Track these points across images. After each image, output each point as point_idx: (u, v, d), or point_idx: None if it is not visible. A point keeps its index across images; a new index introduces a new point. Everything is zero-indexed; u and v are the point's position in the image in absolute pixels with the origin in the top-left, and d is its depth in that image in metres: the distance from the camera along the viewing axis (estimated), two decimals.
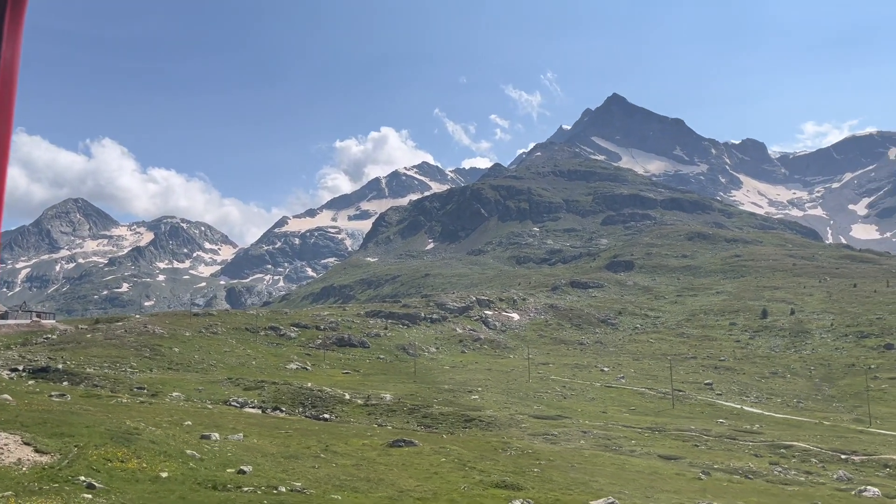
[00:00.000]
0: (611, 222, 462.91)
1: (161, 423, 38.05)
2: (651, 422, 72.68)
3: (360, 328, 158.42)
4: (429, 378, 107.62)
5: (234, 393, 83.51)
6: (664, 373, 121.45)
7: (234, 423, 45.51)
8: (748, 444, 59.76)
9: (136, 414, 45.79)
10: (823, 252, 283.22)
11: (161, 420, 41.26)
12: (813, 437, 63.47)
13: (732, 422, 74.77)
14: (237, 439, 35.52)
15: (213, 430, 37.29)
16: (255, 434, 39.54)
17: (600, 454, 47.35)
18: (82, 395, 57.52)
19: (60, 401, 51.45)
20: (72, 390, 64.35)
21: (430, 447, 40.32)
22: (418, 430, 69.02)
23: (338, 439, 41.09)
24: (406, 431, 51.45)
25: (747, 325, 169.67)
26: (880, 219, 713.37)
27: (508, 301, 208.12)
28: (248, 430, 40.42)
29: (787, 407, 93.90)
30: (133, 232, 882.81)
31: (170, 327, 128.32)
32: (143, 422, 36.70)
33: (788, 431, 68.12)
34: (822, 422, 77.89)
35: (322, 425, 53.00)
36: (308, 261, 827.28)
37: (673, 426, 67.44)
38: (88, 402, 53.74)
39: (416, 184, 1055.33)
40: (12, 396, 48.26)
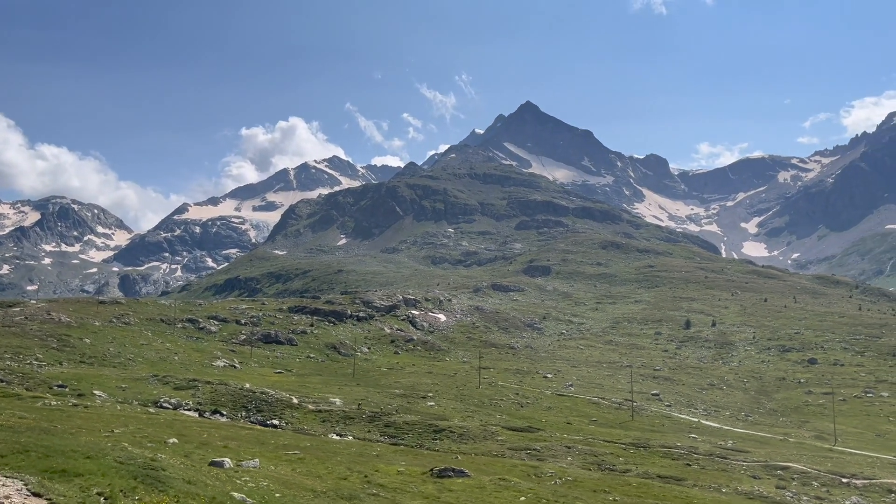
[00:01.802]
0: (525, 227, 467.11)
1: (142, 442, 30.59)
2: (623, 435, 69.40)
3: (284, 324, 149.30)
4: (370, 381, 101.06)
5: (163, 393, 74.48)
6: (607, 381, 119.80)
7: (212, 437, 38.16)
8: (741, 464, 57.22)
9: (82, 423, 37.64)
10: (731, 266, 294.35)
11: (127, 433, 33.58)
12: (796, 457, 61.79)
13: (704, 437, 72.66)
14: (254, 466, 28.63)
15: (203, 449, 30.19)
16: (256, 454, 32.64)
17: (647, 483, 42.95)
18: (4, 395, 48.05)
19: None
20: None
21: (486, 479, 34.71)
22: (383, 441, 62.92)
23: (360, 464, 34.77)
24: (444, 456, 44.92)
25: (672, 335, 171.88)
26: (769, 238, 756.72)
27: (434, 301, 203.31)
28: (241, 449, 33.42)
29: (737, 420, 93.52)
30: (17, 211, 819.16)
31: (76, 315, 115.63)
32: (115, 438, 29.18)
33: (763, 449, 66.40)
34: (786, 438, 77.26)
35: (298, 438, 46.09)
36: (209, 251, 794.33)
37: (657, 442, 64.28)
38: (8, 404, 44.62)
39: (325, 178, 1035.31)
40: None
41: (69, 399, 53.35)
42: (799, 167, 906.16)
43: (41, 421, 34.66)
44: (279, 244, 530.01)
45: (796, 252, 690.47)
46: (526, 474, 39.75)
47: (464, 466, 36.56)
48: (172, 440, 32.71)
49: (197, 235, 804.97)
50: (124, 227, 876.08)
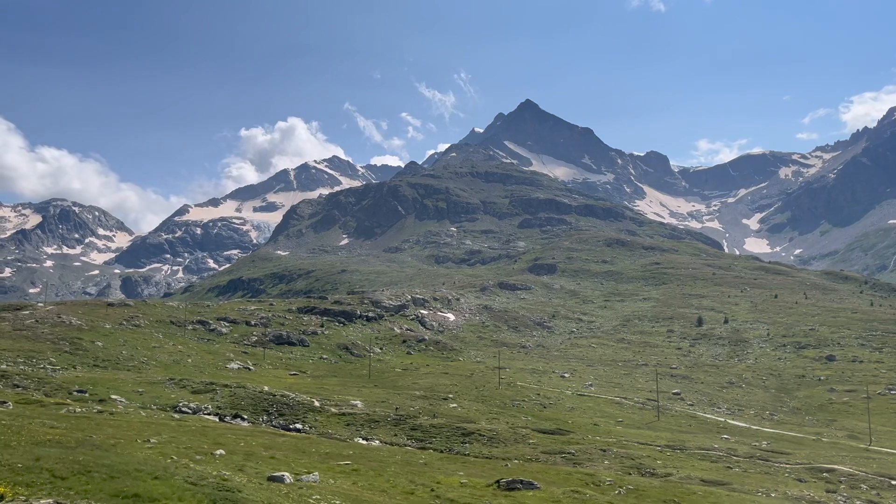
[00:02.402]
0: (527, 225, 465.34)
1: (188, 453, 28.94)
2: (654, 437, 67.75)
3: (294, 325, 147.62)
4: (386, 382, 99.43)
5: (181, 396, 72.79)
6: (625, 380, 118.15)
7: (249, 445, 36.49)
8: (784, 466, 55.60)
9: (114, 432, 35.98)
10: (738, 263, 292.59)
11: (165, 443, 31.92)
12: (838, 459, 60.17)
13: (736, 437, 70.99)
14: (315, 481, 26.98)
15: (253, 461, 28.54)
16: (306, 465, 30.99)
17: (714, 492, 41.27)
18: (20, 402, 46.36)
19: (3, 410, 40.60)
20: None
21: (559, 491, 33.04)
22: (411, 445, 61.31)
23: (417, 475, 33.15)
24: (521, 469, 43.07)
25: (685, 333, 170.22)
26: (771, 234, 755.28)
27: (443, 301, 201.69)
28: (289, 459, 31.75)
29: (763, 419, 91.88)
30: (18, 213, 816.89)
31: (86, 318, 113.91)
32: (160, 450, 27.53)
33: (801, 450, 64.79)
34: (819, 438, 75.58)
35: (337, 445, 44.42)
36: (210, 252, 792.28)
37: (693, 444, 62.67)
38: (33, 411, 42.99)
39: (325, 178, 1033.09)
40: None
41: (92, 406, 51.64)
42: (800, 163, 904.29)
43: (73, 430, 32.99)
44: (281, 244, 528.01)
45: (799, 248, 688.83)
46: (583, 482, 38.10)
47: (521, 475, 34.81)
48: (219, 451, 31.02)
49: (198, 236, 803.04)
50: (125, 229, 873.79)
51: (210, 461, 28.01)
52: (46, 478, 17.56)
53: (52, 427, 32.95)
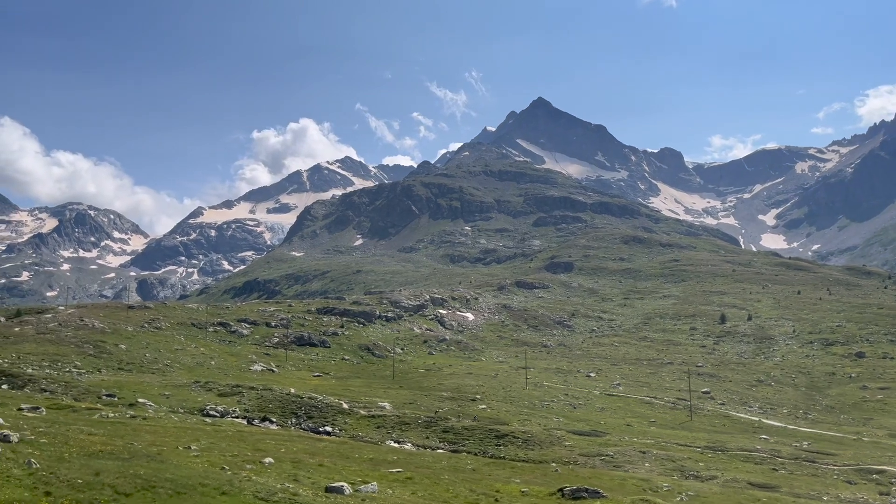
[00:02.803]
0: (542, 223, 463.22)
1: (236, 462, 27.87)
2: (691, 437, 66.20)
3: (314, 326, 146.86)
4: (411, 383, 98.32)
5: (208, 400, 71.95)
6: (652, 379, 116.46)
7: (290, 451, 35.40)
8: (831, 468, 53.95)
9: (152, 439, 34.99)
10: (758, 259, 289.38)
11: (206, 449, 30.85)
12: (888, 459, 58.40)
13: (775, 437, 69.30)
14: (373, 491, 25.84)
15: (304, 470, 27.42)
16: (358, 473, 29.86)
17: (779, 499, 39.79)
18: (52, 407, 45.53)
19: (34, 416, 39.75)
20: (28, 398, 51.88)
21: (627, 500, 31.68)
22: (444, 448, 60.11)
23: (471, 483, 31.94)
24: (572, 474, 41.81)
25: (708, 331, 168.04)
26: (788, 229, 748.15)
27: (461, 300, 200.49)
28: (338, 467, 30.62)
29: (797, 418, 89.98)
30: (34, 218, 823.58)
31: (108, 321, 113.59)
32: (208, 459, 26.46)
33: (847, 451, 63.02)
34: (860, 438, 73.69)
35: (378, 450, 43.24)
36: (224, 253, 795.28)
37: (734, 445, 61.09)
38: (67, 417, 42.14)
39: (338, 178, 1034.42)
40: None
41: (124, 410, 50.78)
42: (816, 157, 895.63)
43: (113, 437, 32.04)
44: (296, 245, 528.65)
45: (816, 243, 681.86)
46: (640, 489, 36.75)
47: (579, 482, 33.50)
48: (268, 460, 29.94)
49: (212, 238, 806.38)
50: (140, 232, 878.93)
51: (262, 470, 26.90)
52: (109, 494, 16.47)
53: (90, 434, 32.02)
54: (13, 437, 22.06)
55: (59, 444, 24.63)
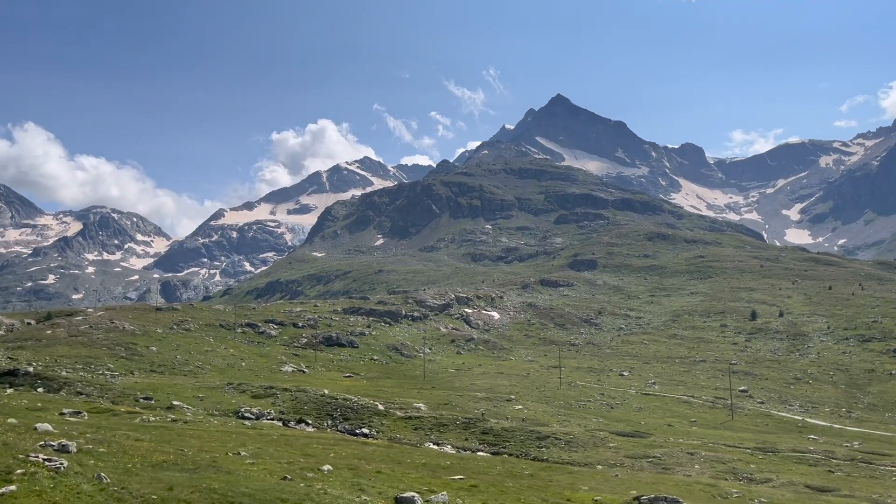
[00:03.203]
0: (564, 221, 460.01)
1: (292, 469, 26.90)
2: (736, 438, 64.44)
3: (341, 326, 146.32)
4: (443, 383, 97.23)
5: (242, 402, 71.37)
6: (686, 378, 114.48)
7: (340, 457, 34.38)
8: (889, 469, 52.01)
9: (199, 444, 34.14)
10: (786, 254, 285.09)
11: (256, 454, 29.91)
12: None
13: (824, 438, 67.36)
14: (443, 501, 24.73)
15: (365, 478, 26.38)
16: (417, 481, 28.80)
17: None
18: (92, 411, 44.95)
19: (78, 420, 39.12)
20: (67, 402, 51.42)
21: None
22: (484, 450, 58.93)
23: (539, 490, 30.75)
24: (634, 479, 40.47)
25: (739, 327, 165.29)
26: (812, 224, 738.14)
27: (486, 299, 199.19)
28: (397, 474, 29.56)
29: (840, 417, 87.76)
30: (59, 221, 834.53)
31: (138, 323, 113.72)
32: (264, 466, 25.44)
33: None
34: None
35: (428, 454, 42.13)
36: (246, 255, 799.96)
37: (785, 446, 59.30)
38: (108, 420, 41.50)
39: (357, 179, 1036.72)
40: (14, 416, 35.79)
41: (163, 414, 50.13)
42: (841, 151, 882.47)
43: (160, 443, 31.24)
44: (317, 246, 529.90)
45: (842, 238, 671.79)
46: (709, 495, 35.35)
47: (643, 490, 32.15)
48: (326, 467, 28.92)
49: (234, 240, 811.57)
50: (163, 235, 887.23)
51: (323, 479, 25.87)
52: None
53: (137, 440, 31.23)
54: (71, 446, 21.22)
55: (118, 454, 23.74)
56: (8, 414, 37.43)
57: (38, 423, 29.53)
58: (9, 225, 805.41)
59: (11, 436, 21.40)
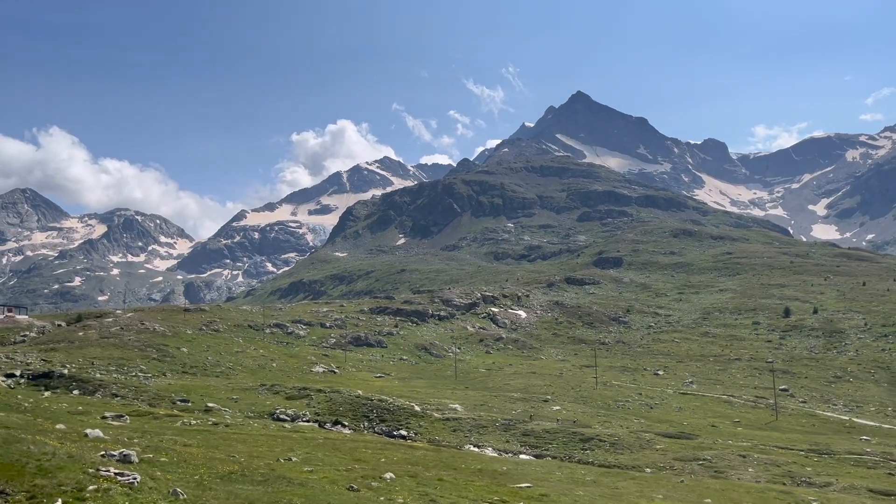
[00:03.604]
0: (587, 219, 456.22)
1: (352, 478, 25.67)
2: (785, 439, 62.34)
3: (369, 326, 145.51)
4: (475, 383, 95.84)
5: (276, 403, 70.45)
6: (721, 376, 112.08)
7: (392, 462, 33.11)
8: None
9: (247, 449, 33.03)
10: (816, 250, 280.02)
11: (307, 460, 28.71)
12: None
13: (877, 439, 65.05)
14: None
15: (429, 486, 25.11)
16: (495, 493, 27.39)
17: None
18: (133, 414, 44.12)
19: (121, 425, 38.22)
20: (105, 405, 50.72)
21: None
22: (526, 452, 57.45)
23: (610, 498, 29.32)
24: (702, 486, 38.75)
25: (772, 325, 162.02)
26: (839, 219, 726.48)
27: (512, 298, 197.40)
28: (460, 483, 28.24)
29: (888, 417, 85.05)
30: (84, 224, 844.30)
31: (167, 324, 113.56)
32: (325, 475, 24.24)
33: None
34: None
35: (481, 459, 40.78)
36: (268, 255, 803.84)
37: (840, 448, 57.20)
38: (150, 423, 40.59)
39: (377, 179, 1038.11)
40: (57, 420, 34.96)
41: (204, 417, 49.25)
42: (868, 144, 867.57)
43: (208, 448, 30.18)
44: (339, 246, 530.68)
45: (871, 233, 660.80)
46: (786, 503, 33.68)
47: (720, 498, 30.62)
48: (388, 475, 27.66)
49: (256, 241, 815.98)
50: (185, 236, 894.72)
51: (389, 488, 24.61)
52: None
53: (185, 445, 30.21)
54: (132, 455, 20.11)
55: (180, 464, 22.63)
56: (50, 417, 36.64)
57: (86, 428, 28.59)
58: (35, 228, 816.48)
59: (72, 446, 20.35)
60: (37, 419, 32.29)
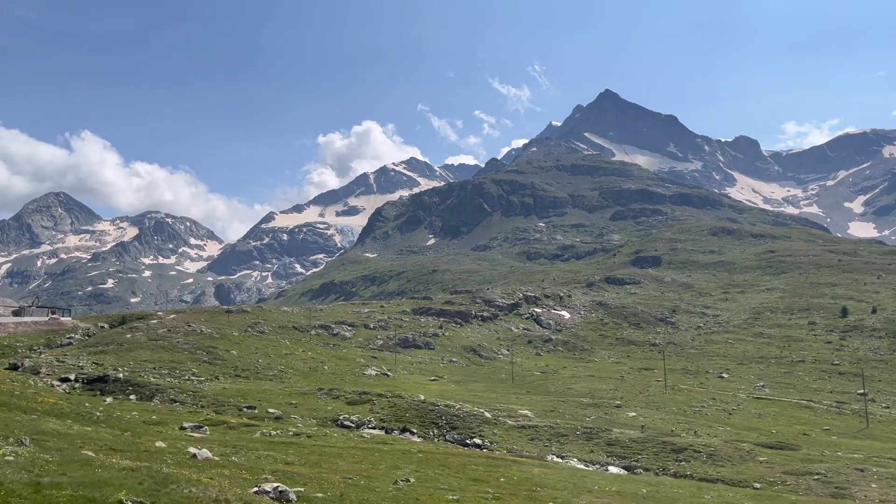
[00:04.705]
0: (620, 217, 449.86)
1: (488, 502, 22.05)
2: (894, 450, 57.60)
3: (413, 327, 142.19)
4: (536, 387, 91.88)
5: (338, 408, 67.15)
6: (788, 379, 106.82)
7: (520, 480, 29.43)
8: None
9: (351, 467, 29.53)
10: (864, 248, 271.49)
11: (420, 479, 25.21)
12: None
13: None
14: None
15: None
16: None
17: None
18: (206, 422, 40.94)
19: (202, 436, 34.99)
20: (170, 412, 47.69)
21: None
22: (615, 464, 53.43)
23: None
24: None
25: (829, 325, 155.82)
26: (877, 217, 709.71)
27: (554, 298, 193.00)
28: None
29: None
30: (116, 227, 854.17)
31: (212, 325, 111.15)
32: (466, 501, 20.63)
33: None
34: None
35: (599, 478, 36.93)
36: (297, 257, 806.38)
37: None
38: (227, 435, 37.34)
39: (404, 179, 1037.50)
40: (133, 431, 31.81)
41: (285, 427, 45.92)
42: None
43: (311, 467, 26.83)
44: (369, 247, 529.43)
45: None
46: None
47: None
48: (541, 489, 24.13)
49: (285, 242, 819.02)
50: (215, 238, 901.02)
51: None
52: None
53: (287, 464, 26.87)
54: (289, 493, 16.70)
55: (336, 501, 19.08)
56: (128, 429, 33.53)
57: (189, 446, 25.35)
58: (69, 231, 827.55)
59: (199, 475, 16.93)
60: (124, 433, 29.14)
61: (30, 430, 23.24)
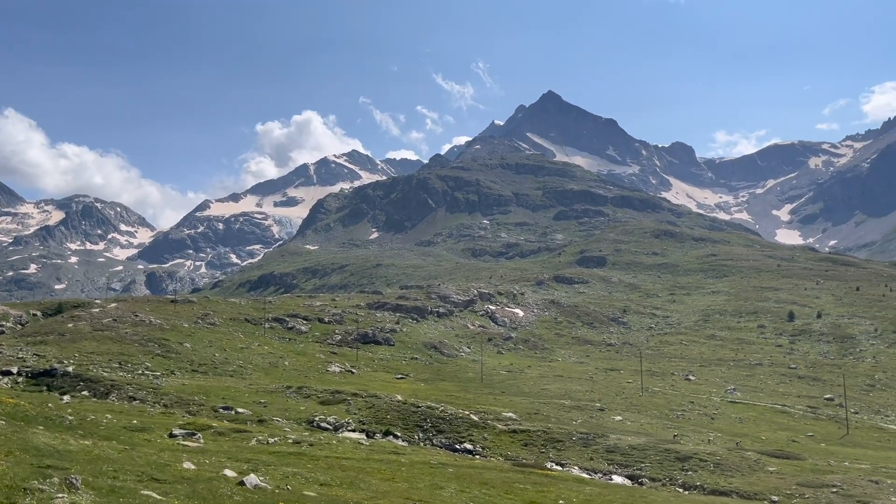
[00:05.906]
0: (563, 217, 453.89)
1: None
2: (886, 458, 56.85)
3: (369, 322, 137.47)
4: (508, 387, 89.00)
5: (311, 409, 62.64)
6: (750, 381, 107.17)
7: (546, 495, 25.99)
8: None
9: (383, 486, 25.50)
10: (800, 254, 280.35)
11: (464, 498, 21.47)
12: None
13: None
14: None
15: None
16: None
17: None
18: (197, 428, 35.98)
19: (198, 446, 30.26)
20: (143, 414, 42.36)
21: None
22: (619, 473, 50.75)
23: None
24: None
25: (778, 329, 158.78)
26: (803, 224, 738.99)
27: (508, 295, 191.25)
28: None
29: None
30: (41, 210, 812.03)
31: (161, 316, 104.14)
32: None
33: None
34: None
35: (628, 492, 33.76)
36: (232, 247, 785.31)
37: None
38: (227, 446, 32.64)
39: (345, 172, 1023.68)
40: (117, 440, 26.94)
41: (280, 434, 41.21)
42: (830, 152, 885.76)
43: (346, 489, 22.77)
44: (310, 239, 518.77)
45: (833, 239, 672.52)
46: None
47: None
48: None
49: (220, 232, 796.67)
50: (146, 225, 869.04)
51: None
52: None
53: (322, 485, 22.72)
54: None
55: None
56: (109, 437, 28.56)
57: (220, 468, 20.87)
58: None
59: None
60: (126, 448, 24.24)
61: (21, 446, 18.45)
